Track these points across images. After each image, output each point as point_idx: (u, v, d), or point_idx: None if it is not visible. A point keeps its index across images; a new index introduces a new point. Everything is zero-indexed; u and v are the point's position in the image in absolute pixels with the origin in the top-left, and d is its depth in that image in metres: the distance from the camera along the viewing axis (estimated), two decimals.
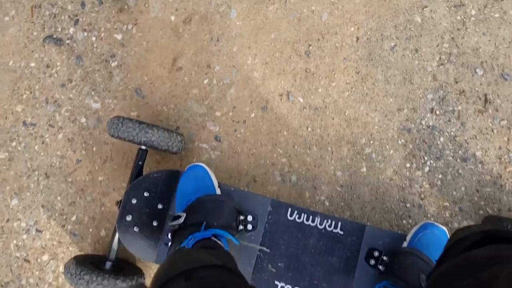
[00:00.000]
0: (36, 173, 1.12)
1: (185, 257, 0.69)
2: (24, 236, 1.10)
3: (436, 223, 0.87)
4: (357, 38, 1.08)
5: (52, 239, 1.09)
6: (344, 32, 1.09)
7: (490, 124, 1.00)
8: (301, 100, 1.08)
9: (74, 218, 1.10)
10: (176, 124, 1.12)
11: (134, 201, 0.96)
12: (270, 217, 0.94)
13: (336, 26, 1.09)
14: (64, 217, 1.10)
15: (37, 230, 1.10)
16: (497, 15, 1.04)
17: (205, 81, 1.12)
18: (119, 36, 1.16)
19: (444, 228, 0.86)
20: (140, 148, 1.00)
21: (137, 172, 1.00)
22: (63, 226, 1.10)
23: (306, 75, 1.08)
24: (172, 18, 1.15)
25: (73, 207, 1.10)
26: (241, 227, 0.90)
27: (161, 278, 0.57)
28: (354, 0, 1.09)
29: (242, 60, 1.11)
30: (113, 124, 0.95)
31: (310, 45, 1.09)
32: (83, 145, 1.13)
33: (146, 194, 0.96)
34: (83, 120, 1.14)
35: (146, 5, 1.16)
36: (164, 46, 1.15)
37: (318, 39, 1.09)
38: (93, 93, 1.14)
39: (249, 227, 0.94)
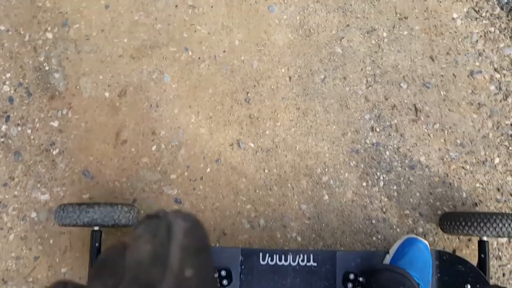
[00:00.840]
0: None
1: None
2: None
3: (418, 237, 1.05)
4: (290, 78, 1.32)
5: None
6: (276, 75, 1.33)
7: (426, 130, 1.26)
8: (252, 145, 1.29)
9: None
10: (132, 197, 1.27)
11: None
12: (243, 266, 1.10)
13: (268, 71, 1.33)
14: None
15: None
16: (405, 33, 1.33)
17: (153, 148, 1.30)
18: (55, 123, 1.32)
19: (426, 241, 1.05)
20: (93, 230, 1.12)
21: (96, 254, 1.10)
22: None
23: (251, 121, 1.30)
24: (107, 94, 1.34)
25: None
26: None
27: None
28: (278, 44, 1.35)
29: (185, 120, 1.31)
30: (57, 214, 1.09)
31: (248, 92, 1.32)
32: (38, 240, 1.24)
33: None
34: (34, 215, 1.26)
35: (77, 87, 1.34)
36: (104, 123, 1.32)
37: (254, 85, 1.32)
38: (39, 185, 1.28)
39: (225, 282, 1.06)
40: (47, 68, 1.35)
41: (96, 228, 1.11)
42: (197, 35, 1.36)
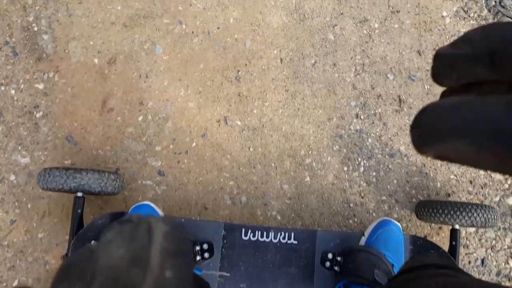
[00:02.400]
0: None
1: None
2: None
3: (392, 220, 1.11)
4: (281, 60, 1.35)
5: None
6: (268, 55, 1.35)
7: (407, 121, 1.32)
8: (239, 123, 1.31)
9: (15, 283, 1.19)
10: (115, 166, 1.28)
11: None
12: (225, 241, 1.13)
13: (260, 51, 1.35)
14: (4, 284, 1.19)
15: None
16: (396, 26, 1.38)
17: (140, 118, 1.31)
18: (40, 86, 1.30)
19: (398, 224, 1.11)
20: (76, 196, 1.12)
21: (78, 221, 1.11)
22: None
23: (239, 99, 1.32)
24: (96, 60, 1.33)
25: (13, 271, 1.20)
26: (198, 257, 1.07)
27: None
28: (272, 26, 1.37)
29: (174, 93, 1.32)
30: (41, 177, 1.07)
31: (239, 71, 1.34)
32: (16, 203, 1.23)
33: (93, 243, 1.10)
34: (12, 177, 1.25)
35: (66, 51, 1.33)
36: (91, 89, 1.31)
37: (246, 64, 1.34)
38: (19, 148, 1.26)
39: (206, 255, 1.09)
40: (35, 28, 1.33)
41: (79, 194, 1.11)
42: (192, 9, 1.37)
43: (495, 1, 1.39)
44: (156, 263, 0.49)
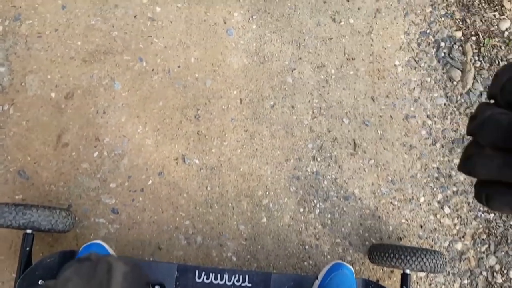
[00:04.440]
0: None
1: None
2: None
3: (345, 263, 1.13)
4: (241, 100, 1.37)
5: None
6: (228, 95, 1.37)
7: (361, 164, 1.35)
8: (197, 161, 1.31)
9: None
10: (67, 202, 1.24)
11: None
12: (178, 283, 1.11)
13: (220, 91, 1.37)
14: None
15: None
16: (351, 72, 1.44)
17: (95, 154, 1.29)
18: None
19: (351, 267, 1.13)
20: (25, 233, 1.08)
21: (26, 259, 1.07)
22: None
23: (198, 137, 1.33)
24: (53, 94, 1.31)
25: None
26: None
27: None
28: (233, 67, 1.40)
29: (132, 129, 1.32)
30: None
31: (198, 109, 1.35)
32: None
33: (40, 282, 1.06)
34: None
35: (23, 84, 1.31)
36: (46, 123, 1.29)
37: (205, 103, 1.36)
38: None
39: None
40: None
41: (28, 231, 1.08)
42: (153, 47, 1.38)
43: (444, 53, 1.48)
44: None
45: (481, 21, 1.51)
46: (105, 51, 1.37)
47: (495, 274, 1.30)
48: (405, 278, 1.15)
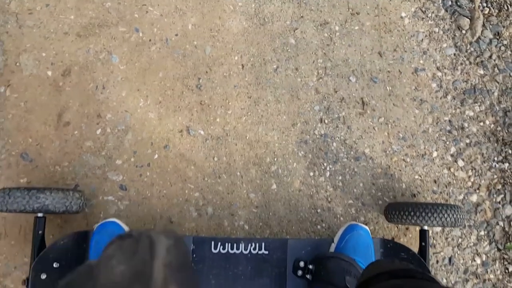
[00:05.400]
0: None
1: None
2: None
3: (359, 224, 1.11)
4: (242, 66, 1.32)
5: None
6: (229, 62, 1.32)
7: (371, 123, 1.31)
8: (202, 132, 1.27)
9: None
10: (74, 182, 1.22)
11: (43, 276, 1.02)
12: (194, 255, 1.10)
13: (220, 57, 1.32)
14: None
15: None
16: (356, 28, 1.37)
17: (98, 131, 1.25)
18: None
19: (366, 227, 1.11)
20: (37, 216, 1.06)
21: (39, 243, 1.05)
22: None
23: (201, 107, 1.29)
24: (49, 73, 1.27)
25: None
26: None
27: None
28: (232, 31, 1.34)
29: (133, 103, 1.28)
30: (0, 198, 1.00)
31: (199, 79, 1.30)
32: None
33: (56, 265, 1.04)
34: None
35: (17, 64, 1.26)
36: (45, 103, 1.25)
37: (206, 72, 1.31)
38: None
39: None
40: None
41: (40, 214, 1.05)
42: (149, 16, 1.33)
43: (451, 1, 1.40)
44: (160, 278, 0.46)
45: None
46: (100, 23, 1.31)
47: (511, 223, 1.28)
48: (423, 235, 1.13)
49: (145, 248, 0.49)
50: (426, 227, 1.12)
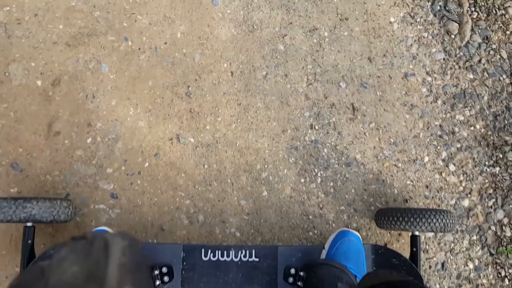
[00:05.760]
0: None
1: None
2: None
3: (350, 230, 1.10)
4: (232, 73, 1.32)
5: None
6: (218, 69, 1.32)
7: (362, 129, 1.31)
8: (192, 140, 1.27)
9: None
10: (65, 191, 1.22)
11: None
12: (185, 263, 1.09)
13: (210, 65, 1.32)
14: None
15: None
16: (346, 33, 1.37)
17: (89, 140, 1.25)
18: None
19: (357, 233, 1.10)
20: (26, 226, 1.05)
21: (29, 252, 1.05)
22: None
23: (191, 115, 1.28)
24: (39, 82, 1.27)
25: None
26: (158, 282, 1.02)
27: None
28: (221, 38, 1.34)
29: (123, 112, 1.27)
30: None
31: (189, 86, 1.30)
32: None
33: (44, 262, 1.04)
34: None
35: (6, 74, 1.26)
36: (35, 113, 1.25)
37: (196, 79, 1.31)
38: None
39: (166, 279, 1.05)
40: None
41: (29, 224, 1.05)
42: (137, 24, 1.33)
43: (440, 6, 1.40)
44: (115, 278, 0.46)
45: None
46: (89, 33, 1.31)
47: (503, 227, 1.27)
48: (414, 240, 1.12)
49: (100, 249, 0.49)
50: (416, 233, 1.11)
